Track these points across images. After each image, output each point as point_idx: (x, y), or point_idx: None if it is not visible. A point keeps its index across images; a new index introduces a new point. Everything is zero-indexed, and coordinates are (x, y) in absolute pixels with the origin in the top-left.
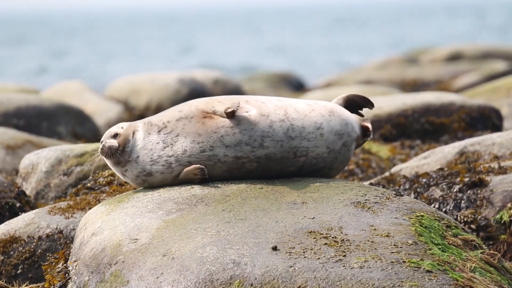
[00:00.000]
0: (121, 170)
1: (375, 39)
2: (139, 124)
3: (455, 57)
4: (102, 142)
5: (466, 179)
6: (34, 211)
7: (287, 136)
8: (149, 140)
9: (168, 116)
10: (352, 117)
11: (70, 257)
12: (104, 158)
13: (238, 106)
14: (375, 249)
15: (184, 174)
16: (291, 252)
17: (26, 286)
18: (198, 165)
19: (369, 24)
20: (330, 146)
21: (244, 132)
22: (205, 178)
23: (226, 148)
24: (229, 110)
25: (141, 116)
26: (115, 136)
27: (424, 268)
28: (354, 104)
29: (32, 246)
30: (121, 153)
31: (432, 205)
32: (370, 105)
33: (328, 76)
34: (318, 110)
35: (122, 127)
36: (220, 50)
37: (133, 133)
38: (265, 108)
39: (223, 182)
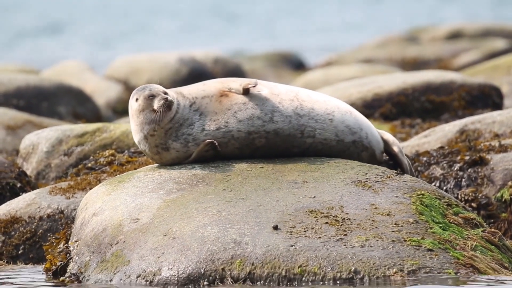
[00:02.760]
0: (152, 128)
1: (375, 16)
2: (172, 93)
3: (455, 36)
4: (156, 96)
5: (467, 158)
6: (35, 191)
7: (296, 113)
8: (182, 115)
9: (194, 92)
10: (372, 131)
11: (71, 237)
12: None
13: (256, 83)
14: (376, 228)
15: (196, 154)
16: (292, 232)
17: (29, 266)
18: (207, 141)
19: (368, 2)
20: (339, 135)
21: (255, 107)
22: (218, 152)
23: (239, 123)
24: (249, 86)
25: None
26: (166, 94)
27: (425, 247)
28: (388, 151)
29: (33, 226)
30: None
31: (433, 184)
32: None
33: (328, 55)
34: (335, 103)
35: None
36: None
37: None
38: (276, 89)
39: (224, 161)
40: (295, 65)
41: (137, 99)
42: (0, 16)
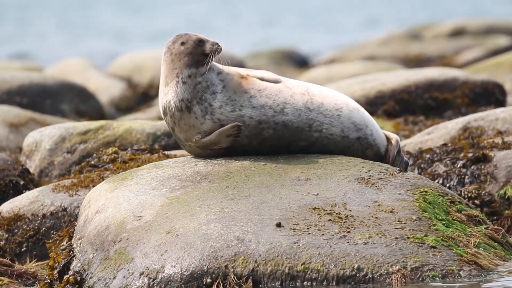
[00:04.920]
0: (188, 72)
1: (376, 14)
2: None
3: (458, 33)
4: (206, 41)
5: (470, 155)
6: (38, 189)
7: (306, 107)
8: (210, 77)
9: (221, 65)
10: (377, 129)
11: (74, 235)
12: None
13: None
14: (379, 225)
15: (216, 136)
16: (295, 229)
17: (32, 264)
18: (236, 123)
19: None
20: (345, 131)
21: (269, 96)
22: (237, 141)
23: (253, 109)
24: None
25: (144, 93)
26: None
27: (428, 244)
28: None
29: (36, 224)
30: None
31: (436, 181)
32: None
33: (331, 53)
34: (343, 99)
35: None
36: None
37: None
38: (289, 82)
39: (227, 159)
40: (298, 62)
41: (183, 43)
42: None
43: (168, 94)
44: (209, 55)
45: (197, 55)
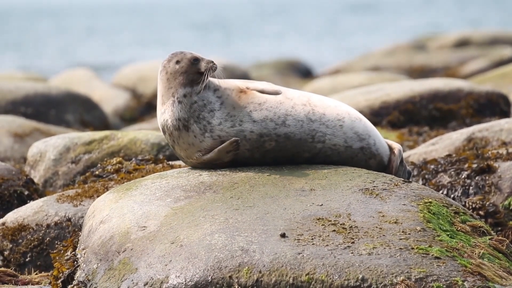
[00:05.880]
0: (184, 92)
1: (383, 25)
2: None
3: (463, 43)
4: (200, 60)
5: (474, 165)
6: (42, 199)
7: (308, 118)
8: (206, 95)
9: (217, 81)
10: (380, 138)
11: (78, 245)
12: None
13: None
14: (384, 235)
15: (216, 154)
16: (299, 239)
17: (36, 274)
18: (233, 139)
19: (379, 10)
20: (348, 141)
21: (270, 109)
22: (238, 154)
23: (253, 124)
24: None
25: (149, 103)
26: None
27: (432, 255)
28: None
29: (41, 234)
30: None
31: (440, 192)
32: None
33: (336, 63)
34: (345, 109)
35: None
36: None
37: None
38: (289, 93)
39: (231, 169)
40: (302, 72)
41: (178, 61)
42: None
43: (165, 113)
44: (204, 73)
45: (192, 74)
